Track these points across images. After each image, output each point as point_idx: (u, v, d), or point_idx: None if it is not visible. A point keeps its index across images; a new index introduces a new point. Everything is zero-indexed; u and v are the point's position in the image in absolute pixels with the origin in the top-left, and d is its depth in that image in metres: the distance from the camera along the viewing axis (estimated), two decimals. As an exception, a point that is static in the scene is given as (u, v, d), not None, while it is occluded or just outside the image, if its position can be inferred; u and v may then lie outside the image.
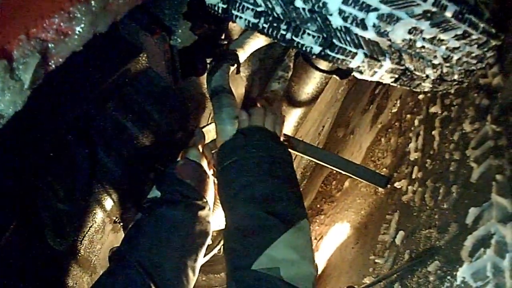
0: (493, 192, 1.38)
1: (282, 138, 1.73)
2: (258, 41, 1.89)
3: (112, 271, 1.53)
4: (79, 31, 0.89)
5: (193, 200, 1.65)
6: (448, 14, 1.28)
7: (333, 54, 1.34)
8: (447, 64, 1.52)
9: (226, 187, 1.52)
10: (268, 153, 1.52)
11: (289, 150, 1.72)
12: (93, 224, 1.97)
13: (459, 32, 1.36)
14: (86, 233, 1.95)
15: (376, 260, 1.99)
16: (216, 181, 1.66)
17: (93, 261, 2.00)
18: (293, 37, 1.34)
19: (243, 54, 1.86)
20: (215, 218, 1.74)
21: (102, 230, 2.02)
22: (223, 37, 1.94)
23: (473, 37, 1.42)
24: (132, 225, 1.64)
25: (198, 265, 1.65)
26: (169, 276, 1.53)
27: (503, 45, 1.61)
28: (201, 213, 1.66)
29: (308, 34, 1.32)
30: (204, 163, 1.77)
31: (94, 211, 1.98)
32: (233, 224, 1.45)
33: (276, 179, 1.46)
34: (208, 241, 1.70)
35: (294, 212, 1.42)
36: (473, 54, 1.52)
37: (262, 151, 1.51)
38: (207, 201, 1.70)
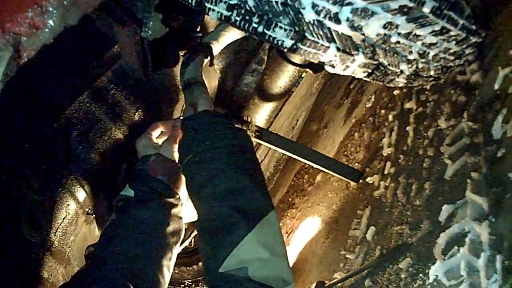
0: (468, 190, 1.38)
1: (254, 129, 1.71)
2: (233, 34, 1.88)
3: (89, 272, 1.52)
4: (50, 24, 0.90)
5: (166, 197, 1.63)
6: (426, 9, 1.27)
7: (304, 48, 1.34)
8: (423, 60, 1.51)
9: (189, 185, 1.50)
10: (223, 142, 1.46)
11: (262, 142, 1.70)
12: (66, 215, 1.96)
13: (437, 28, 1.36)
14: (60, 224, 1.93)
15: (347, 255, 1.98)
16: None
17: (67, 252, 1.98)
18: (265, 30, 1.33)
19: (217, 47, 1.84)
20: (186, 211, 1.72)
21: (75, 222, 2.01)
22: (198, 29, 1.92)
23: (452, 33, 1.41)
24: (108, 225, 1.62)
25: (173, 263, 1.64)
26: (147, 278, 1.52)
27: (483, 42, 1.61)
28: (174, 210, 1.63)
29: (280, 27, 1.31)
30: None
31: (67, 203, 1.96)
32: (202, 223, 1.42)
33: (237, 170, 1.42)
34: (181, 237, 1.68)
35: (259, 204, 1.38)
36: (451, 51, 1.52)
37: (216, 141, 1.46)
38: (179, 197, 1.67)
